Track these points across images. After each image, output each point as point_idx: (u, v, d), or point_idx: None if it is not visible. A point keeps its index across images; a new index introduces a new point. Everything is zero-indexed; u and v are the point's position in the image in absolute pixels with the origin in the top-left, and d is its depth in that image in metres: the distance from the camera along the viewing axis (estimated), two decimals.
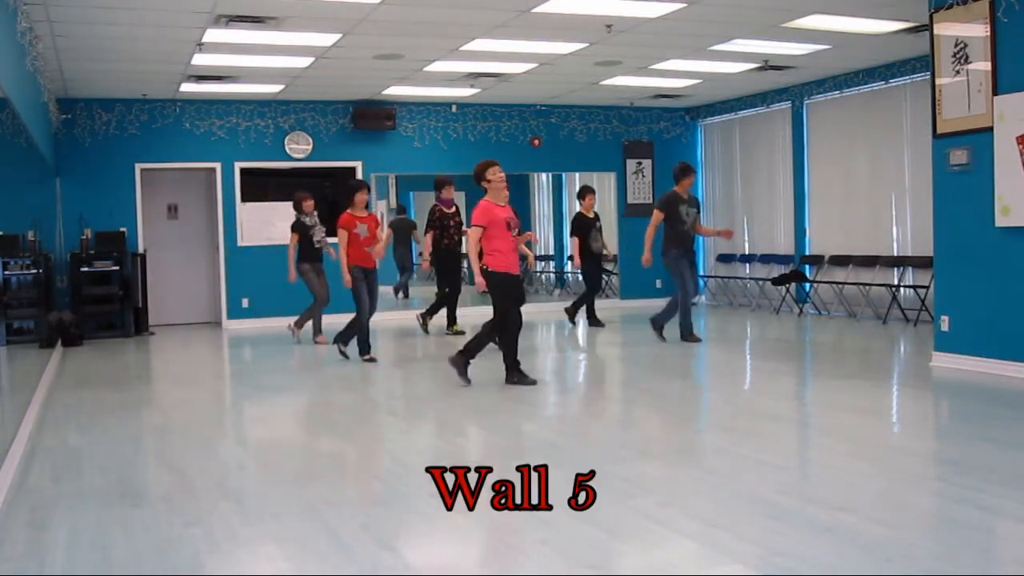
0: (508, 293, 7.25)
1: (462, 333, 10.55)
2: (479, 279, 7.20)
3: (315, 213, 10.36)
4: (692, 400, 6.98)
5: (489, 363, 8.85)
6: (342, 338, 9.09)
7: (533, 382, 7.36)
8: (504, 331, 7.34)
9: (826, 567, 3.36)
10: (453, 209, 10.76)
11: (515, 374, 7.37)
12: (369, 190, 9.20)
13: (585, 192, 11.47)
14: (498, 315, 7.30)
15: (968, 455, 4.99)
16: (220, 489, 4.65)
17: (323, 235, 10.30)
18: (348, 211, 8.90)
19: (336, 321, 10.05)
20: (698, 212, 9.74)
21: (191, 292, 13.23)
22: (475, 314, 12.45)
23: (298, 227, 10.27)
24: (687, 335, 9.58)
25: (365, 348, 8.98)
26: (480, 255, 7.22)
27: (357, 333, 8.99)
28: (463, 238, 10.59)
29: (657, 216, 9.57)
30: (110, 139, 12.10)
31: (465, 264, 10.72)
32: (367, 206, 9.11)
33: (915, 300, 10.80)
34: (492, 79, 11.59)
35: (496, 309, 7.32)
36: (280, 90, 11.87)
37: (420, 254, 11.55)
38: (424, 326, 11.15)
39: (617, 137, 14.45)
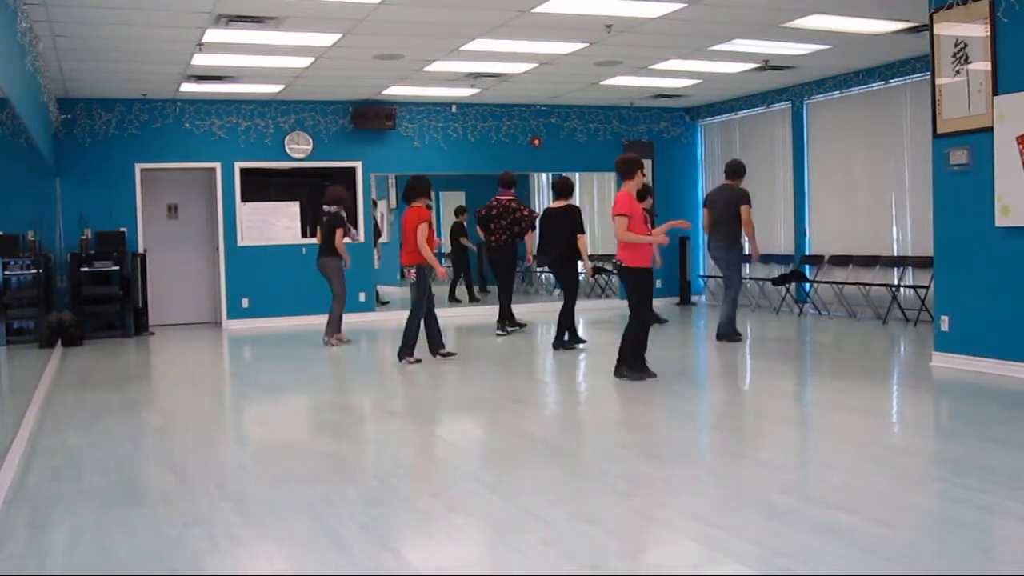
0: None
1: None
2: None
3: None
4: (692, 400, 6.98)
5: (487, 363, 8.85)
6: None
7: (653, 375, 7.44)
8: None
9: (826, 567, 3.36)
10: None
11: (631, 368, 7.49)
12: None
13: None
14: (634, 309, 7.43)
15: (968, 455, 4.99)
16: (220, 489, 4.65)
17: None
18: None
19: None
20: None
21: (191, 292, 13.22)
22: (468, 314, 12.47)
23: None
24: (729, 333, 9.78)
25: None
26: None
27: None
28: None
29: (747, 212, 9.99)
30: (110, 139, 12.09)
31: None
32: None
33: (915, 300, 10.79)
34: (492, 79, 11.58)
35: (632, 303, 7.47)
36: (280, 90, 11.86)
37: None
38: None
39: (617, 137, 14.44)
